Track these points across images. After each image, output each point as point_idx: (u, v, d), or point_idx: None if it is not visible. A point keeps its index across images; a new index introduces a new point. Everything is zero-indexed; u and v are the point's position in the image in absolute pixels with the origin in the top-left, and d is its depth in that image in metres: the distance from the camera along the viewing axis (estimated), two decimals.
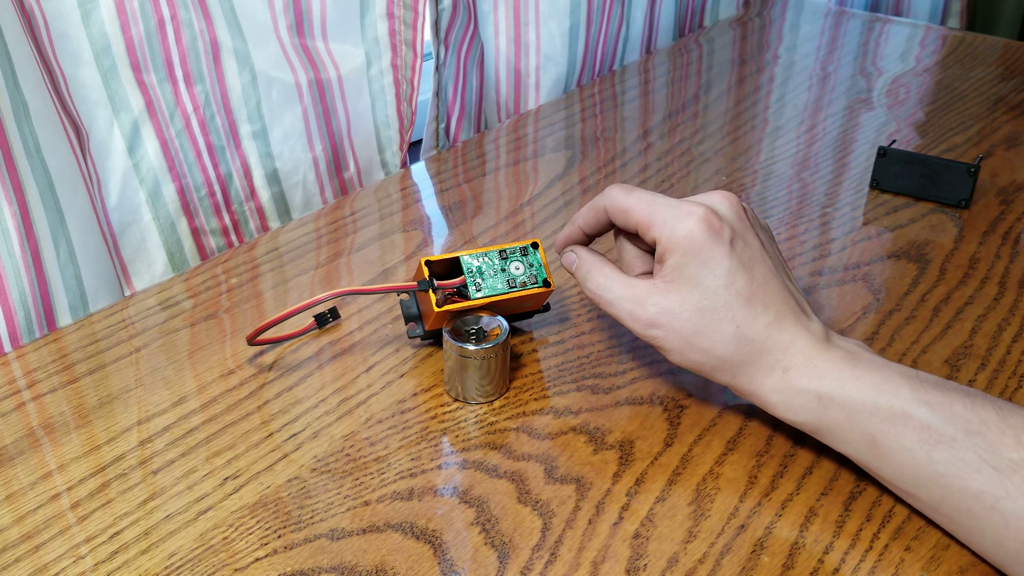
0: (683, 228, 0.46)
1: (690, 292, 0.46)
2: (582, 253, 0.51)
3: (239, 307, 0.59)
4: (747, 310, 0.46)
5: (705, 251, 0.46)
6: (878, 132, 0.83)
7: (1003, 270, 0.64)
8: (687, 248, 0.46)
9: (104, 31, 0.60)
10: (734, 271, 0.46)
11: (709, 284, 0.46)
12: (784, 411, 0.46)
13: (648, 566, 0.42)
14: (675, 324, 0.46)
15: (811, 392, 0.45)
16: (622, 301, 0.48)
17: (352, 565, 0.42)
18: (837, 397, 0.44)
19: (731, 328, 0.46)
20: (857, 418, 0.44)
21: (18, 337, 0.58)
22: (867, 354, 0.46)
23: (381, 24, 0.76)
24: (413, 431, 0.49)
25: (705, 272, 0.46)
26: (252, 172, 0.72)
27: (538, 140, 0.82)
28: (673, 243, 0.46)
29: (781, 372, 0.45)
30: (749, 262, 0.46)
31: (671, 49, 1.02)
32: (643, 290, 0.48)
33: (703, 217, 0.46)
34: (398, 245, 0.66)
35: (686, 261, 0.46)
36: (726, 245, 0.46)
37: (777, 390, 0.46)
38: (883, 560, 0.43)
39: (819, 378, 0.45)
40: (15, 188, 0.55)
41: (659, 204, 0.48)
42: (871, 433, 0.43)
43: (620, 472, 0.47)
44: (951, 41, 1.05)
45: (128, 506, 0.45)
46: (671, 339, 0.47)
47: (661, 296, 0.47)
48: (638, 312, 0.47)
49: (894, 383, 0.43)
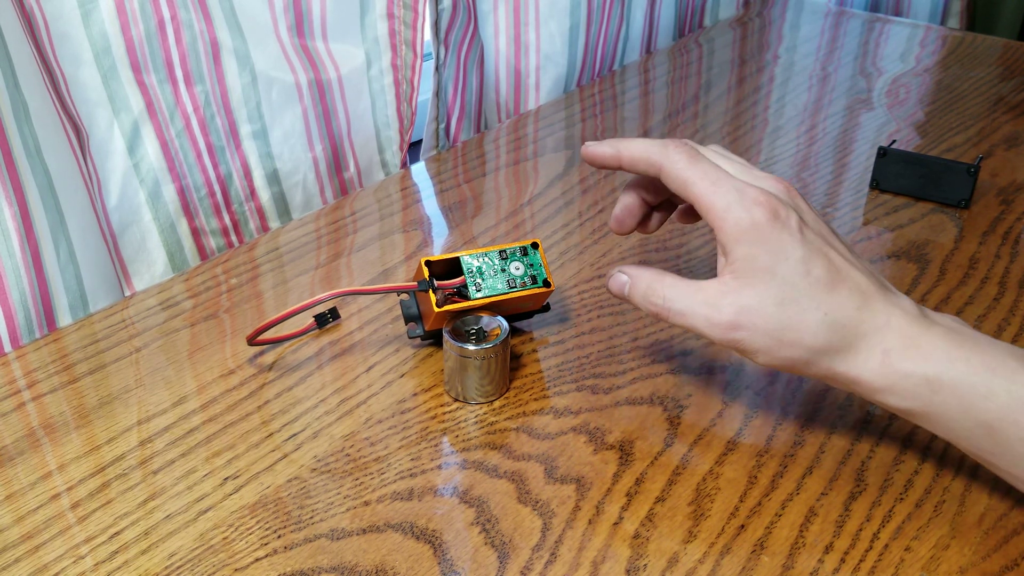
0: (749, 217, 0.43)
1: (767, 285, 0.43)
2: (632, 271, 0.47)
3: (239, 307, 0.59)
4: (831, 296, 0.43)
5: (774, 240, 0.43)
6: (878, 132, 0.83)
7: (1003, 270, 0.64)
8: (754, 238, 0.43)
9: (104, 31, 0.60)
10: (809, 258, 0.43)
11: (785, 274, 0.43)
12: (890, 396, 0.42)
13: (648, 566, 0.42)
14: (758, 322, 0.43)
15: (918, 375, 0.41)
16: (695, 308, 0.44)
17: (352, 565, 0.42)
18: (947, 380, 0.41)
19: (818, 316, 0.42)
20: (971, 403, 0.40)
21: (18, 337, 0.58)
22: (969, 330, 0.43)
23: (381, 24, 0.76)
24: (413, 431, 0.50)
25: (779, 262, 0.43)
26: (252, 172, 0.72)
27: (538, 140, 0.82)
28: (739, 232, 0.43)
29: (881, 354, 0.42)
30: (822, 247, 0.43)
31: (671, 49, 1.02)
32: (714, 291, 0.44)
33: (768, 204, 0.43)
34: (398, 245, 0.66)
35: (755, 252, 0.43)
36: (796, 232, 0.43)
37: (881, 374, 0.42)
38: (883, 560, 0.43)
39: (925, 359, 0.41)
40: (15, 188, 0.55)
41: (723, 185, 0.44)
42: (987, 420, 0.40)
43: (620, 472, 0.47)
44: (951, 41, 1.05)
45: (128, 506, 0.45)
46: (756, 339, 0.43)
47: (735, 294, 0.43)
48: (715, 316, 0.43)
49: (1008, 365, 0.40)
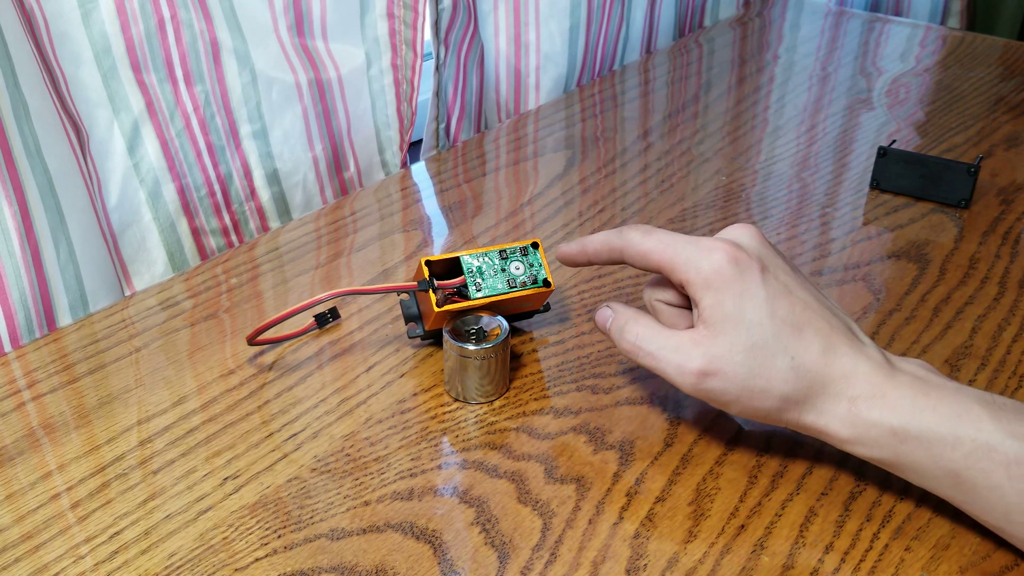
0: (708, 264, 0.44)
1: (735, 330, 0.43)
2: (618, 307, 0.48)
3: (239, 307, 0.59)
4: (798, 339, 0.43)
5: (738, 283, 0.43)
6: (878, 132, 0.83)
7: (1003, 270, 0.64)
8: (719, 284, 0.43)
9: (104, 31, 0.60)
10: (773, 298, 0.43)
11: (752, 317, 0.43)
12: (857, 447, 0.43)
13: (648, 566, 0.42)
14: (727, 369, 0.43)
15: (884, 426, 0.42)
16: (665, 352, 0.45)
17: (352, 565, 0.42)
18: (914, 431, 0.41)
19: (786, 361, 0.43)
20: (938, 453, 0.41)
21: (18, 337, 0.58)
22: (936, 378, 0.43)
23: (381, 24, 0.76)
24: (413, 431, 0.50)
25: (745, 305, 0.43)
26: (252, 172, 0.72)
27: (538, 140, 0.82)
28: (702, 281, 0.44)
29: (848, 403, 0.42)
30: (786, 288, 0.44)
31: (671, 49, 1.02)
32: (686, 339, 0.44)
33: (728, 250, 0.44)
34: (398, 245, 0.66)
35: (721, 298, 0.43)
36: (758, 274, 0.43)
37: (847, 424, 0.42)
38: (883, 560, 0.43)
39: (891, 409, 0.42)
40: (15, 188, 0.55)
41: (679, 244, 0.45)
42: (954, 469, 0.40)
43: (620, 472, 0.47)
44: (951, 41, 1.05)
45: (128, 506, 0.45)
46: (728, 388, 0.43)
47: (708, 342, 0.43)
48: (685, 364, 0.44)
49: (973, 412, 0.41)
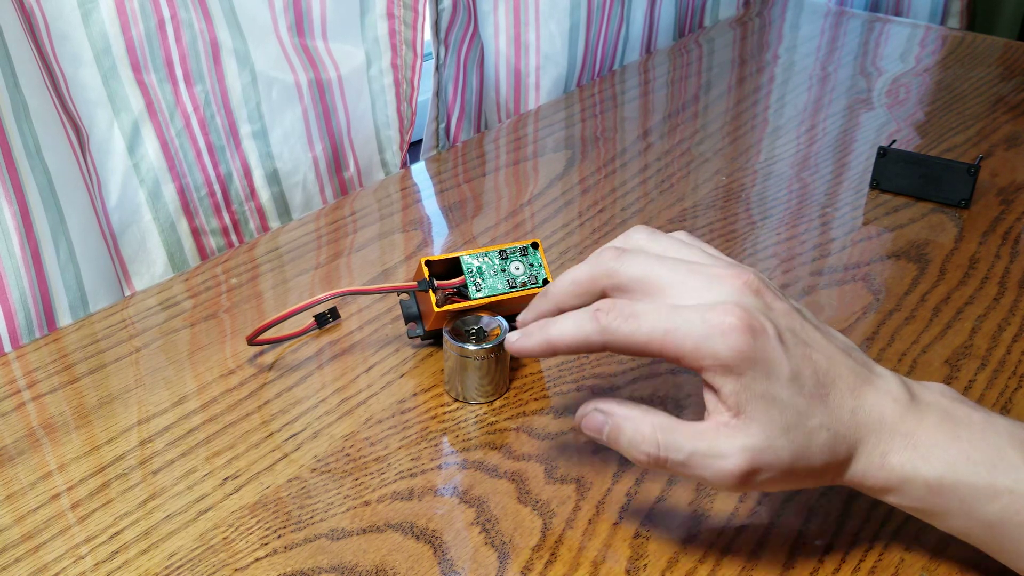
0: (726, 347, 0.38)
1: (767, 414, 0.38)
2: (611, 409, 0.41)
3: (239, 307, 0.59)
4: (826, 406, 0.39)
5: (761, 361, 0.38)
6: (878, 132, 0.83)
7: (1003, 270, 0.64)
8: (740, 367, 0.38)
9: (104, 31, 0.60)
10: (798, 371, 0.39)
11: (783, 397, 0.38)
12: (890, 496, 0.41)
13: (648, 566, 0.42)
14: (773, 462, 0.38)
15: (919, 480, 0.39)
16: (698, 458, 0.39)
17: (352, 565, 0.42)
18: (948, 483, 0.39)
19: (825, 436, 0.39)
20: (973, 506, 0.39)
21: (18, 337, 0.58)
22: (963, 410, 0.41)
23: (381, 24, 0.76)
24: (413, 431, 0.49)
25: (773, 385, 0.38)
26: (252, 172, 0.72)
27: (538, 140, 0.82)
28: (722, 368, 0.38)
29: (880, 457, 0.40)
30: (804, 351, 0.39)
31: (671, 49, 1.02)
32: (717, 435, 0.39)
33: (740, 324, 0.38)
34: (398, 245, 0.66)
35: (747, 382, 0.38)
36: (777, 345, 0.39)
37: (880, 478, 0.40)
38: (883, 560, 0.43)
39: (924, 460, 0.39)
40: (15, 188, 0.55)
41: (680, 326, 0.39)
42: (989, 521, 0.39)
43: (620, 472, 0.47)
44: (951, 41, 1.05)
45: (128, 506, 0.45)
46: (774, 478, 0.39)
47: (742, 435, 0.38)
48: (725, 467, 0.38)
49: (1007, 459, 0.39)
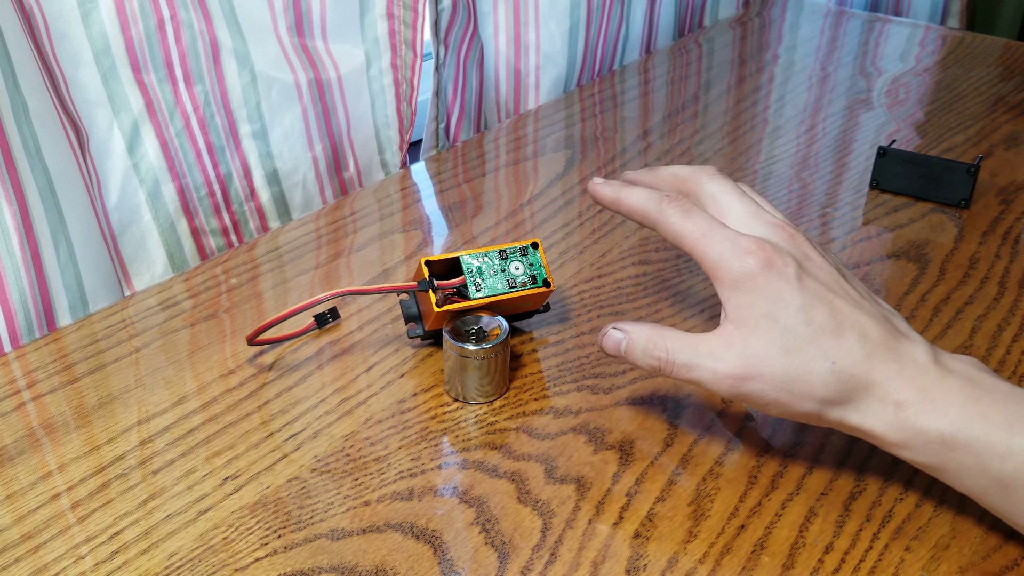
0: (740, 266, 0.42)
1: (768, 332, 0.41)
2: (629, 328, 0.45)
3: (239, 307, 0.59)
4: (838, 343, 0.41)
5: (771, 288, 0.42)
6: (878, 132, 0.83)
7: (1003, 270, 0.64)
8: (749, 287, 0.42)
9: (104, 31, 0.60)
10: (810, 306, 0.41)
11: (787, 322, 0.41)
12: (903, 451, 0.42)
13: (648, 566, 0.42)
14: (765, 371, 0.41)
15: (933, 432, 0.40)
16: (699, 360, 0.43)
17: (352, 565, 0.42)
18: (963, 439, 0.40)
19: (826, 365, 0.41)
20: (987, 462, 0.39)
21: (18, 337, 0.58)
22: (987, 378, 0.41)
23: (381, 24, 0.76)
24: (413, 431, 0.50)
25: (777, 309, 0.41)
26: (252, 172, 0.72)
27: (538, 140, 0.82)
28: (731, 280, 0.42)
29: (894, 407, 0.41)
30: (824, 294, 0.42)
31: (671, 49, 1.02)
32: (717, 342, 0.42)
33: (762, 254, 0.42)
34: (398, 245, 0.66)
35: (752, 300, 0.42)
36: (794, 280, 0.42)
37: (893, 428, 0.41)
38: (883, 560, 0.43)
39: (940, 415, 0.40)
40: (15, 188, 0.55)
41: (715, 236, 0.43)
42: (1002, 479, 0.39)
43: (620, 472, 0.47)
44: (951, 41, 1.05)
45: (128, 506, 0.45)
46: (767, 390, 0.42)
47: (740, 343, 0.42)
48: (721, 368, 0.42)
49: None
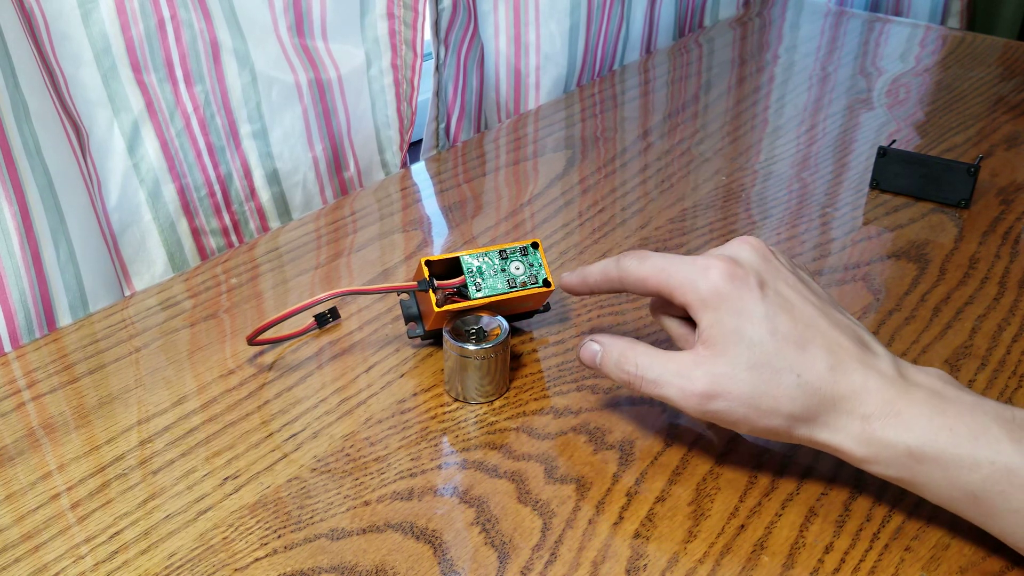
0: (705, 284, 0.43)
1: (736, 349, 0.42)
2: (605, 340, 0.47)
3: (239, 307, 0.59)
4: (801, 356, 0.42)
5: (735, 301, 0.43)
6: (878, 132, 0.83)
7: (1003, 270, 0.64)
8: (716, 303, 0.43)
9: (104, 31, 0.60)
10: (773, 315, 0.42)
11: (752, 335, 0.42)
12: (873, 466, 0.42)
13: (648, 566, 0.42)
14: (732, 389, 0.42)
15: (900, 446, 0.40)
16: (667, 377, 0.44)
17: (352, 565, 0.42)
18: (930, 452, 0.40)
19: (792, 379, 0.42)
20: (955, 475, 0.40)
21: (18, 337, 0.58)
22: (953, 390, 0.42)
23: (381, 24, 0.76)
24: (413, 431, 0.50)
25: (743, 323, 0.42)
26: (252, 172, 0.72)
27: (538, 140, 0.82)
28: (700, 301, 0.43)
29: (861, 421, 0.41)
30: (785, 303, 0.43)
31: (671, 49, 1.02)
32: (687, 361, 0.44)
33: (723, 268, 0.43)
34: (398, 245, 0.66)
35: (720, 317, 0.43)
36: (755, 290, 0.43)
37: (862, 443, 0.41)
38: (883, 560, 0.43)
39: (906, 429, 0.40)
40: (15, 188, 0.55)
41: (674, 266, 0.45)
42: (972, 491, 0.40)
43: (620, 472, 0.47)
44: (951, 41, 1.05)
45: (128, 506, 0.45)
46: (733, 408, 0.42)
47: (708, 363, 0.43)
48: (688, 386, 0.43)
49: (991, 433, 0.40)
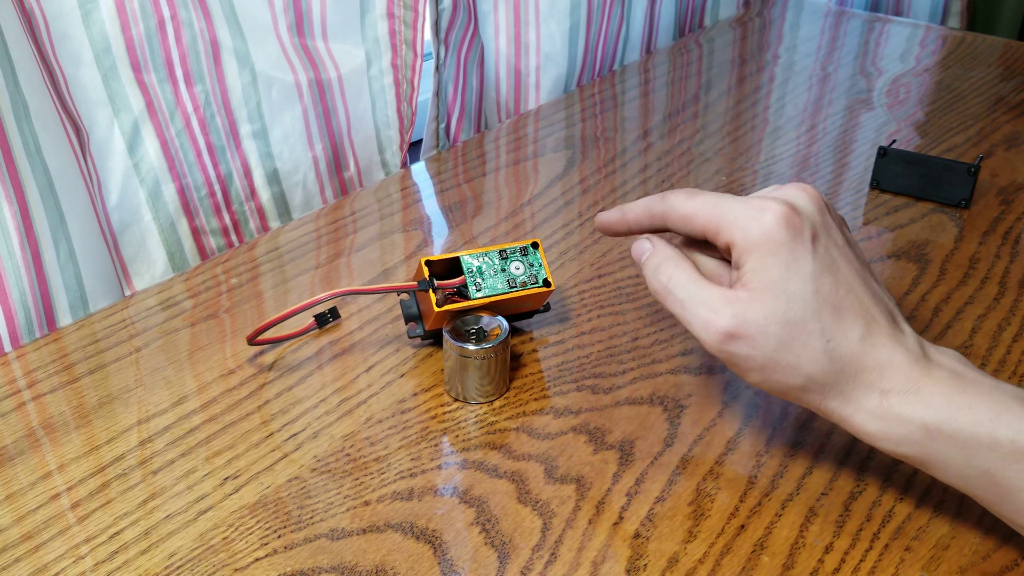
0: (758, 226, 0.40)
1: (775, 300, 0.40)
2: (658, 243, 0.44)
3: (239, 307, 0.59)
4: (837, 321, 0.40)
5: (787, 251, 0.40)
6: (878, 132, 0.83)
7: (1003, 270, 0.64)
8: (767, 248, 0.40)
9: (104, 31, 0.60)
10: (819, 274, 0.40)
11: (795, 290, 0.40)
12: (884, 441, 0.41)
13: (648, 566, 0.42)
14: (758, 337, 0.40)
15: (917, 422, 0.39)
16: (694, 304, 0.41)
17: (352, 565, 0.42)
18: (948, 429, 0.39)
19: (821, 343, 0.40)
20: (973, 453, 0.39)
21: (18, 337, 0.58)
22: (972, 372, 0.41)
23: (381, 24, 0.76)
24: (413, 431, 0.50)
25: (790, 275, 0.40)
26: (252, 172, 0.72)
27: (538, 140, 0.82)
28: (748, 243, 0.40)
29: (879, 395, 0.40)
30: (833, 264, 0.41)
31: (671, 49, 1.02)
32: (719, 296, 0.41)
33: (781, 213, 0.40)
34: (398, 245, 0.66)
35: (767, 263, 0.40)
36: (808, 243, 0.40)
37: (876, 416, 0.40)
38: (883, 560, 0.43)
39: (925, 406, 0.39)
40: (15, 188, 0.55)
41: (727, 203, 0.42)
42: (988, 469, 0.39)
43: (620, 472, 0.47)
44: (951, 41, 1.05)
45: (128, 506, 0.45)
46: (753, 355, 0.41)
47: (742, 305, 0.40)
48: (713, 320, 0.41)
49: (1012, 411, 0.39)
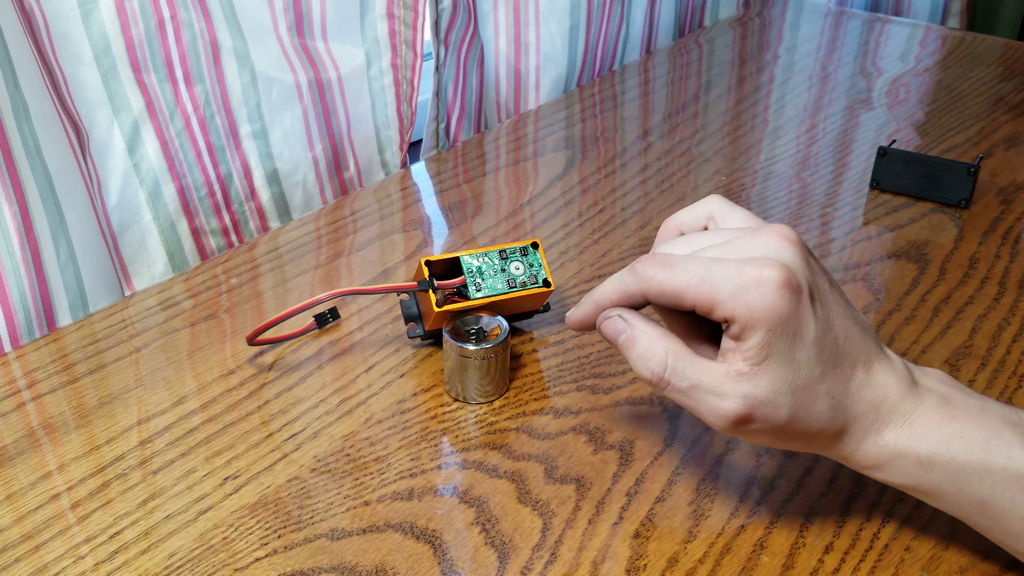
0: (760, 300, 0.38)
1: (782, 370, 0.39)
2: (634, 322, 0.41)
3: (239, 307, 0.59)
4: (837, 375, 0.39)
5: (793, 322, 0.38)
6: (878, 132, 0.83)
7: (1003, 270, 0.64)
8: (772, 323, 0.38)
9: (104, 31, 0.60)
10: (822, 335, 0.39)
11: (801, 357, 0.39)
12: (879, 473, 0.41)
13: (648, 566, 0.42)
14: (770, 415, 0.39)
15: (911, 456, 0.39)
16: (699, 392, 0.39)
17: (352, 565, 0.42)
18: (941, 460, 0.39)
19: (827, 403, 0.39)
20: (965, 482, 0.39)
21: (18, 337, 0.58)
22: (959, 394, 0.41)
23: (381, 24, 0.76)
24: (413, 431, 0.50)
25: (796, 344, 0.38)
26: (252, 172, 0.72)
27: (538, 140, 0.82)
28: (753, 320, 0.38)
29: (875, 434, 0.40)
30: (829, 320, 0.40)
31: (671, 49, 1.02)
32: (723, 377, 0.39)
33: (779, 280, 0.38)
34: (398, 245, 0.66)
35: (774, 338, 0.38)
36: (808, 307, 0.39)
37: (872, 454, 0.40)
38: (883, 560, 0.43)
39: (918, 438, 0.39)
40: (15, 188, 0.55)
41: (716, 272, 0.39)
42: (981, 498, 0.39)
43: (620, 472, 0.47)
44: (951, 41, 1.05)
45: (128, 506, 0.45)
46: (764, 431, 0.39)
47: (750, 383, 0.38)
48: (723, 406, 0.39)
49: (1002, 437, 0.39)
